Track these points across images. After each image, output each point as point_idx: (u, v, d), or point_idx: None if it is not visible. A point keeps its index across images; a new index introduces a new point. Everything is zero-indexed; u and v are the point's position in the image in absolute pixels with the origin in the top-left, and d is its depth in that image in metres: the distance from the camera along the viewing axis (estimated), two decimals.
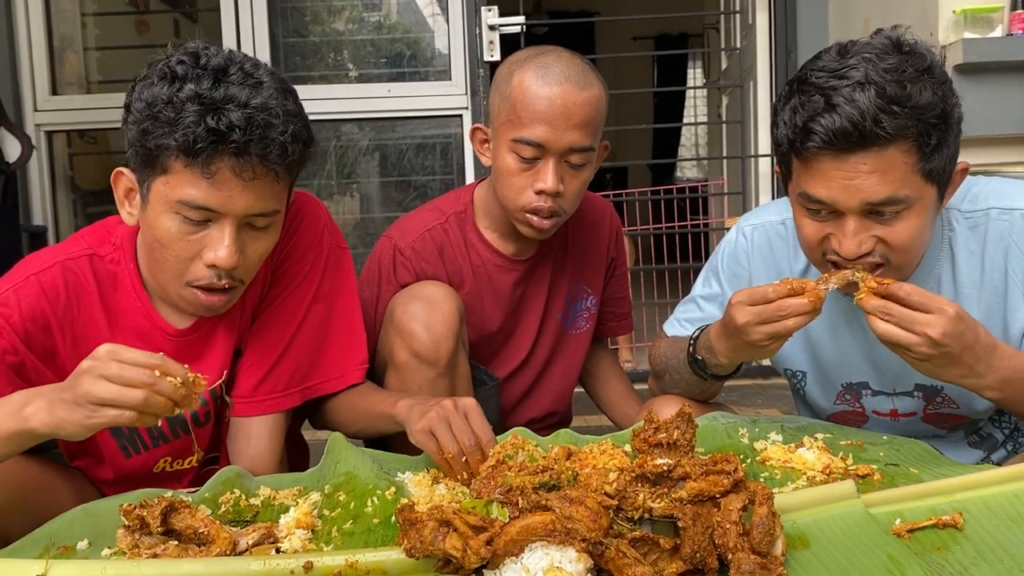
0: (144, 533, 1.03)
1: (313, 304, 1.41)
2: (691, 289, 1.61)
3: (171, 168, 1.17)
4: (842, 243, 1.20)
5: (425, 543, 0.90)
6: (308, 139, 1.24)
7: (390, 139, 3.62)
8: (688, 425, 1.11)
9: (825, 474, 1.17)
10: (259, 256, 1.27)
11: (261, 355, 1.39)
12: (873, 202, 1.16)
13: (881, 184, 1.14)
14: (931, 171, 1.16)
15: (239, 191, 1.17)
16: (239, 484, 1.21)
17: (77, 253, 1.31)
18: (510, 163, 1.54)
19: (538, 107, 1.49)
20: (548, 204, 1.53)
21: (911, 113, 1.11)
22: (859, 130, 1.11)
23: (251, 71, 1.19)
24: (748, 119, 3.75)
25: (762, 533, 0.90)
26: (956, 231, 1.32)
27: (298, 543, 1.02)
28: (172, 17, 5.00)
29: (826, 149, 1.14)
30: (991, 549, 0.97)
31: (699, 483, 0.95)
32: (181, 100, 1.13)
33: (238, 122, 1.13)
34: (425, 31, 3.64)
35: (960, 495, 1.07)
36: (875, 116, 1.10)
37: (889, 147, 1.13)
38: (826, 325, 1.41)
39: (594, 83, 1.53)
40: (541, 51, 1.56)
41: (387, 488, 1.14)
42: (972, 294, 1.31)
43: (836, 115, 1.12)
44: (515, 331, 1.75)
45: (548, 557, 0.87)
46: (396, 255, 1.64)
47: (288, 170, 1.22)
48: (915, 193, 1.16)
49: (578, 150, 1.52)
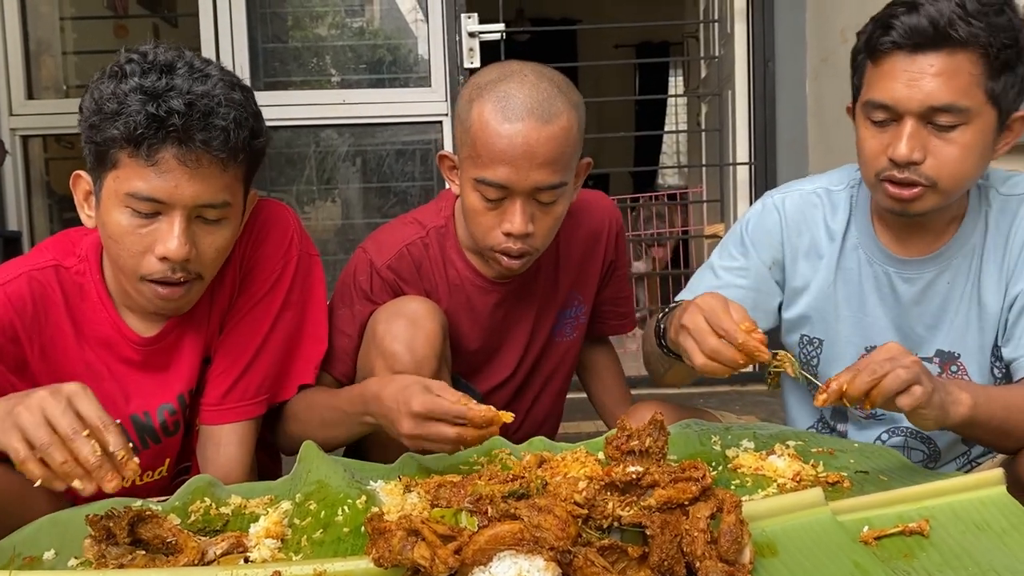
0: (111, 543, 1.01)
1: (283, 312, 1.41)
2: (678, 292, 1.62)
3: (119, 162, 1.17)
4: (896, 148, 1.24)
5: (393, 552, 0.90)
6: (256, 129, 1.24)
7: (370, 145, 3.62)
8: (660, 433, 1.11)
9: (795, 481, 1.18)
10: (215, 250, 1.26)
11: (230, 363, 1.38)
12: (935, 105, 1.22)
13: (946, 88, 1.21)
14: (994, 91, 1.22)
15: (185, 180, 1.17)
16: (209, 493, 1.20)
17: (42, 264, 1.31)
18: (475, 202, 1.44)
19: (498, 146, 1.37)
20: (517, 246, 1.44)
21: (986, 27, 1.20)
22: (935, 27, 1.20)
23: (200, 67, 1.20)
24: (727, 127, 3.78)
25: (730, 541, 0.91)
26: (991, 208, 1.38)
27: (267, 552, 1.01)
28: (151, 22, 4.98)
29: (901, 45, 1.23)
30: (957, 556, 0.98)
31: (667, 491, 0.95)
32: (124, 92, 1.15)
33: (178, 107, 1.14)
34: (405, 37, 3.64)
35: (928, 502, 1.08)
36: (951, 20, 1.19)
37: (959, 53, 1.20)
38: (852, 289, 1.44)
39: (562, 111, 1.39)
40: (505, 74, 1.42)
41: (358, 497, 1.13)
42: (991, 267, 1.37)
43: (916, 14, 1.21)
44: (499, 349, 1.67)
45: (516, 566, 0.87)
46: (373, 275, 1.56)
47: (234, 157, 1.21)
48: (976, 107, 1.22)
49: (546, 188, 1.40)
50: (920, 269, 1.40)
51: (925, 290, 1.40)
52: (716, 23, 3.96)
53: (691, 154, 6.46)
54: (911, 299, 1.41)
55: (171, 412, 1.37)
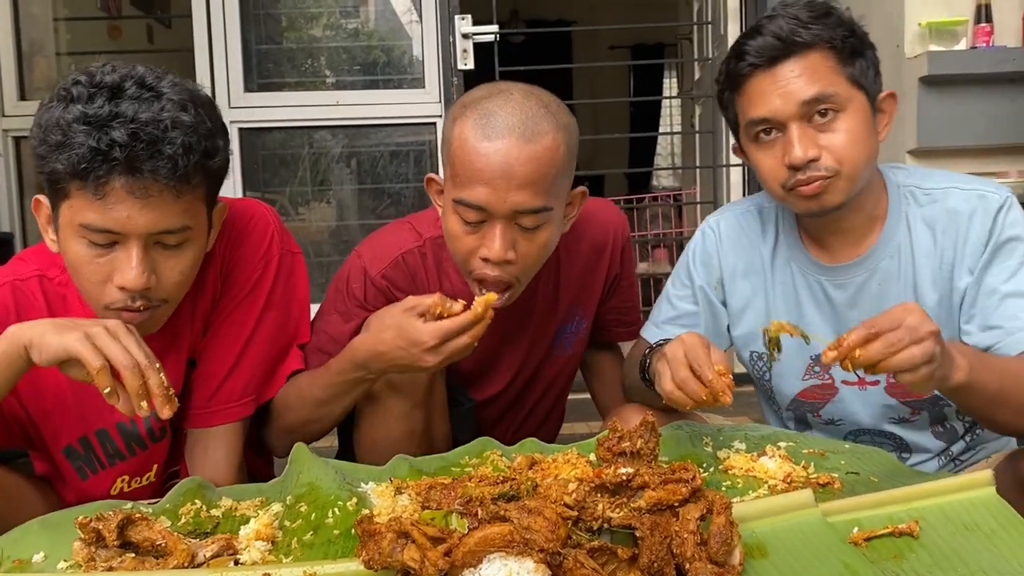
0: (100, 546, 1.01)
1: (266, 311, 1.40)
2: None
3: (71, 192, 1.14)
4: (791, 153, 1.30)
5: (383, 555, 0.90)
6: (210, 149, 1.18)
7: (363, 146, 3.62)
8: (651, 434, 1.11)
9: (786, 483, 1.18)
10: (179, 273, 1.22)
11: (215, 365, 1.37)
12: (806, 98, 1.29)
13: (811, 83, 1.30)
14: (853, 76, 1.32)
15: (137, 210, 1.13)
16: (200, 495, 1.19)
17: (26, 274, 1.30)
18: (454, 225, 1.37)
19: (475, 165, 1.30)
20: (495, 273, 1.36)
21: (823, 27, 1.31)
22: (781, 40, 1.31)
23: (152, 84, 1.14)
24: (720, 129, 3.78)
25: (719, 542, 0.91)
26: (914, 205, 1.41)
27: (257, 555, 1.01)
28: (145, 23, 4.97)
29: (758, 64, 1.32)
30: (946, 557, 0.98)
31: (657, 492, 0.95)
32: (67, 122, 1.10)
33: (120, 139, 1.09)
34: (399, 39, 3.63)
35: (917, 503, 1.08)
36: (792, 29, 1.31)
37: (810, 53, 1.31)
38: (790, 302, 1.47)
39: (547, 131, 1.31)
40: (493, 92, 1.36)
41: (349, 499, 1.13)
42: (924, 263, 1.39)
43: (761, 35, 1.32)
44: (495, 365, 1.63)
45: (506, 568, 0.87)
46: (367, 283, 1.50)
47: (186, 182, 1.15)
48: (844, 92, 1.31)
49: (527, 212, 1.32)
50: (849, 274, 1.42)
51: (856, 294, 1.42)
52: (709, 25, 3.96)
53: (685, 156, 6.47)
54: (845, 303, 1.43)
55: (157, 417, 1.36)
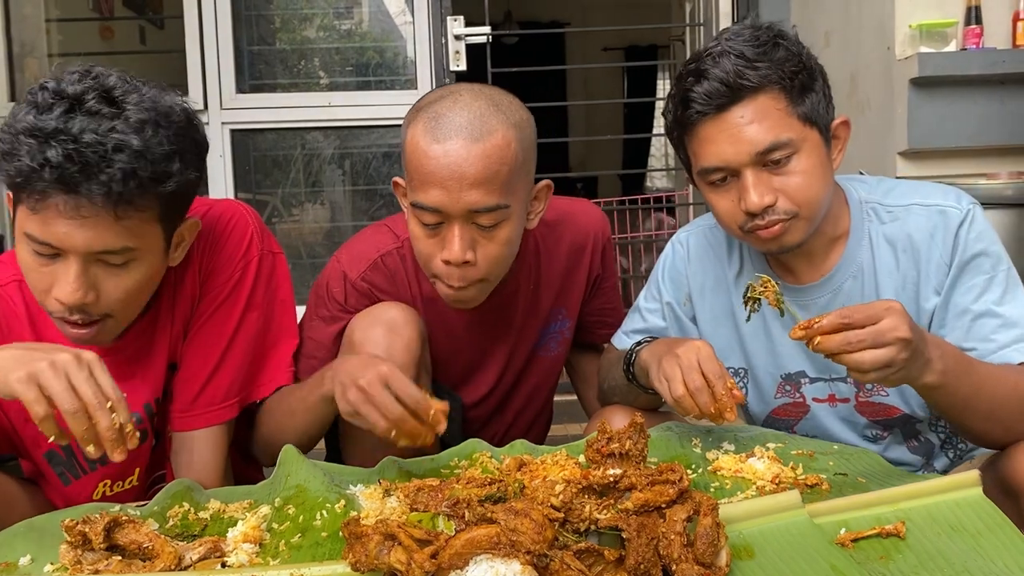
0: (87, 549, 1.01)
1: (247, 313, 1.39)
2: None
3: (21, 200, 1.13)
4: (747, 200, 1.26)
5: (370, 557, 0.90)
6: (159, 175, 1.13)
7: (356, 147, 3.61)
8: (640, 435, 1.11)
9: (775, 484, 1.18)
10: (123, 291, 1.19)
11: (196, 368, 1.37)
12: (760, 149, 1.25)
13: (763, 130, 1.25)
14: (806, 115, 1.27)
15: (75, 228, 1.11)
16: (188, 497, 1.19)
17: (5, 280, 1.31)
18: (415, 229, 1.38)
19: (427, 168, 1.30)
20: (456, 274, 1.36)
21: (771, 65, 1.25)
22: (727, 85, 1.24)
23: (118, 98, 1.12)
24: None
25: (706, 544, 0.91)
26: (876, 223, 1.38)
27: (244, 557, 1.01)
28: (137, 24, 4.96)
29: (706, 112, 1.26)
30: (932, 558, 0.99)
31: (644, 493, 0.95)
32: (17, 131, 1.09)
33: (54, 159, 1.07)
34: (392, 40, 3.63)
35: (904, 504, 1.08)
36: (738, 71, 1.24)
37: (759, 95, 1.25)
38: (756, 322, 1.44)
39: (495, 129, 1.31)
40: (443, 95, 1.36)
41: (337, 501, 1.13)
42: (888, 282, 1.37)
43: (706, 79, 1.25)
44: (478, 366, 1.62)
45: (492, 570, 0.87)
46: (347, 287, 1.50)
47: (127, 205, 1.12)
48: (798, 135, 1.26)
49: (483, 211, 1.31)
50: (812, 295, 1.40)
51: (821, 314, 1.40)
52: (702, 26, 3.97)
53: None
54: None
55: (138, 421, 1.34)
